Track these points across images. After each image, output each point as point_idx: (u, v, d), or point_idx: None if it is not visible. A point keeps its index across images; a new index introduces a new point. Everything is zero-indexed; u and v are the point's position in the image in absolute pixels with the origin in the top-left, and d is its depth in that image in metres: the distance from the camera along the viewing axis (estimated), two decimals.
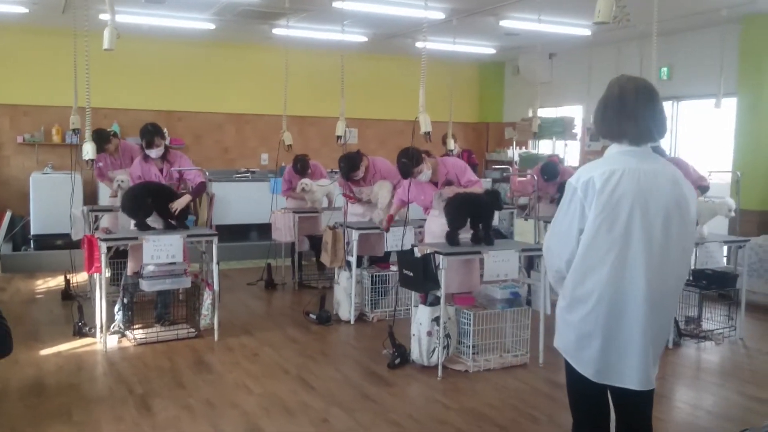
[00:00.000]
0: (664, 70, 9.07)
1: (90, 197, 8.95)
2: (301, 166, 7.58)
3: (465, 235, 5.10)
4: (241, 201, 9.64)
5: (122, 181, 6.26)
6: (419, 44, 9.64)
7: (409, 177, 5.20)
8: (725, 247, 6.13)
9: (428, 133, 4.83)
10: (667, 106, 9.27)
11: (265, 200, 9.38)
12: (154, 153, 5.76)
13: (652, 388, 2.64)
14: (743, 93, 8.00)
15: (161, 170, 5.84)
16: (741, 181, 6.53)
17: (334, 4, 7.12)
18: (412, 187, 5.38)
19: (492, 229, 5.18)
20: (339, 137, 6.27)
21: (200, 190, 5.88)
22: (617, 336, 2.57)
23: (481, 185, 5.31)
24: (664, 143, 9.16)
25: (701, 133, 9.08)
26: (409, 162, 5.05)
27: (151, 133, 5.72)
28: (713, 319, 6.19)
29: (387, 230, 5.87)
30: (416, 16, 7.72)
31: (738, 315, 5.99)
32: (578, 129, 9.87)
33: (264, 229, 9.76)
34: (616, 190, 2.54)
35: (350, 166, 6.20)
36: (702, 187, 5.90)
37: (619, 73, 2.75)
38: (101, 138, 6.46)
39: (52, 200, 8.57)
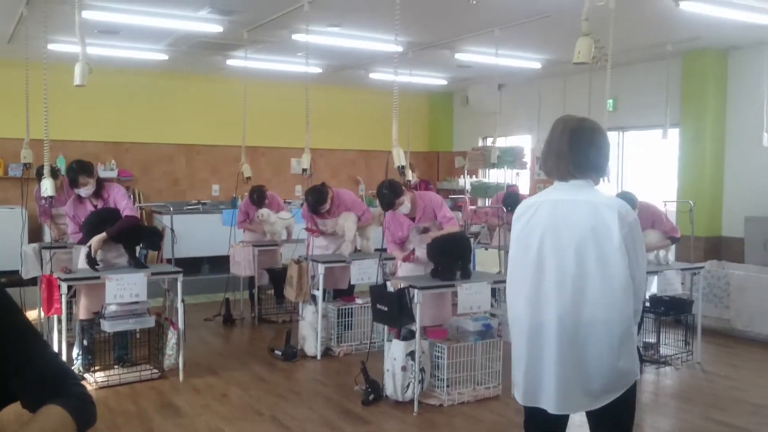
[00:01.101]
0: (610, 101, 9.37)
1: (35, 234, 8.59)
2: (258, 197, 7.51)
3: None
4: (192, 233, 9.41)
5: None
6: (373, 76, 9.73)
7: (391, 208, 5.17)
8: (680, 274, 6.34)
9: (402, 167, 4.82)
10: (613, 137, 9.59)
11: (216, 232, 9.22)
12: (83, 192, 5.37)
13: (569, 413, 2.68)
14: (685, 124, 8.35)
15: (95, 207, 5.46)
16: (689, 210, 6.77)
17: (294, 37, 7.11)
18: (390, 222, 5.37)
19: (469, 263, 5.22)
20: (304, 170, 6.22)
21: (127, 223, 5.36)
22: (538, 361, 2.65)
23: (455, 222, 5.36)
24: (611, 172, 9.47)
25: (647, 163, 9.41)
26: (391, 193, 5.03)
27: (75, 172, 5.32)
28: (670, 344, 6.38)
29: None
30: (372, 49, 7.80)
31: (694, 340, 6.19)
32: (528, 158, 10.08)
33: (216, 262, 9.58)
34: (530, 221, 2.67)
35: (318, 199, 6.16)
36: (673, 238, 6.07)
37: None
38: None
39: None
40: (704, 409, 5.01)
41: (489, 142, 11.15)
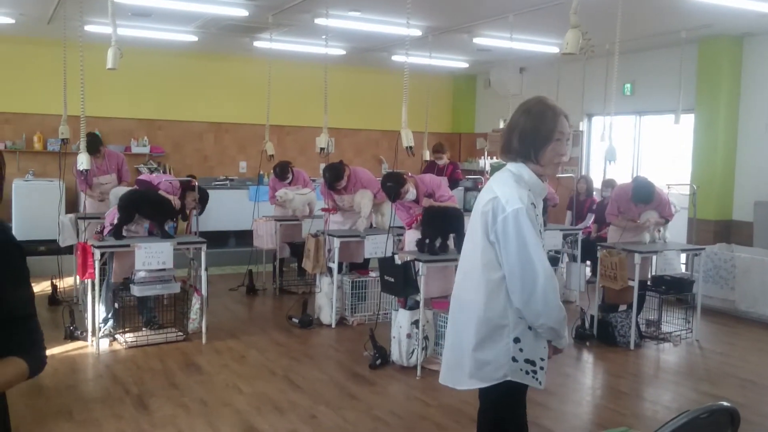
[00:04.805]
0: (628, 86, 9.53)
1: (71, 205, 9.10)
2: (280, 170, 7.87)
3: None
4: (219, 208, 9.81)
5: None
6: (396, 58, 9.99)
7: (399, 198, 5.52)
8: (684, 255, 6.57)
9: (411, 147, 5.13)
10: (630, 120, 9.75)
11: (243, 207, 9.62)
12: None
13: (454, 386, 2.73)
14: (700, 110, 8.48)
15: None
16: (697, 193, 6.97)
17: (316, 21, 7.42)
18: (398, 209, 5.72)
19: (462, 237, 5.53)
20: (322, 149, 6.55)
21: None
22: None
23: (455, 200, 5.67)
24: (627, 156, 9.64)
25: (663, 146, 9.55)
26: (395, 185, 5.37)
27: None
28: (672, 322, 6.62)
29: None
30: (392, 33, 8.06)
31: (694, 318, 6.42)
32: None
33: (242, 236, 9.99)
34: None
35: (335, 175, 6.50)
36: (667, 220, 6.33)
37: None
38: (94, 143, 6.65)
39: (35, 207, 8.68)
40: (695, 382, 5.27)
41: None
